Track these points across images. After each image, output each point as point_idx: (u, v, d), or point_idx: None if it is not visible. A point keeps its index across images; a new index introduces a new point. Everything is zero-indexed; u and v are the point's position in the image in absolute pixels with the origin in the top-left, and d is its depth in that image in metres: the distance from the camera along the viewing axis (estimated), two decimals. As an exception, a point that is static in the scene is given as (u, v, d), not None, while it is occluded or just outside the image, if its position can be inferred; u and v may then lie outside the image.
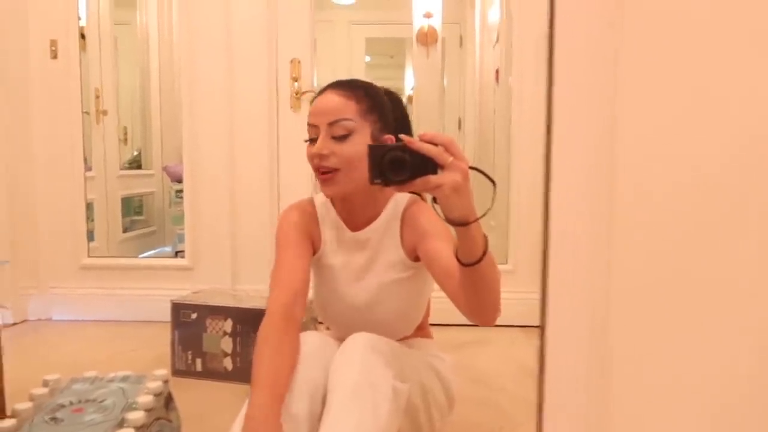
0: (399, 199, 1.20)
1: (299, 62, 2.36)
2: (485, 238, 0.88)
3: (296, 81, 2.37)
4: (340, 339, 1.10)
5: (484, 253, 0.87)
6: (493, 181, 0.87)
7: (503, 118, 2.58)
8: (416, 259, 1.14)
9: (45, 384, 1.15)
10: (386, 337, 1.11)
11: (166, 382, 1.20)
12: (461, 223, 0.84)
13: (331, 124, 1.08)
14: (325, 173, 1.10)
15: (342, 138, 1.08)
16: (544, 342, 0.41)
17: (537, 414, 0.40)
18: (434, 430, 1.21)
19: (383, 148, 0.83)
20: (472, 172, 0.84)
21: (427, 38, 2.99)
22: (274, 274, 1.12)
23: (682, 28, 0.38)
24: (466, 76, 3.56)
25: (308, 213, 1.22)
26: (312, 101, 1.15)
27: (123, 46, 3.48)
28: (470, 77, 3.46)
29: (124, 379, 1.17)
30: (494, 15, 2.88)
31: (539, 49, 2.33)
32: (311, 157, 1.11)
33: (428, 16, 3.02)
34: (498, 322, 0.98)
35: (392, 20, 3.81)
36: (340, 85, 1.13)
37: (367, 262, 1.17)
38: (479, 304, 0.94)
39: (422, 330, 1.33)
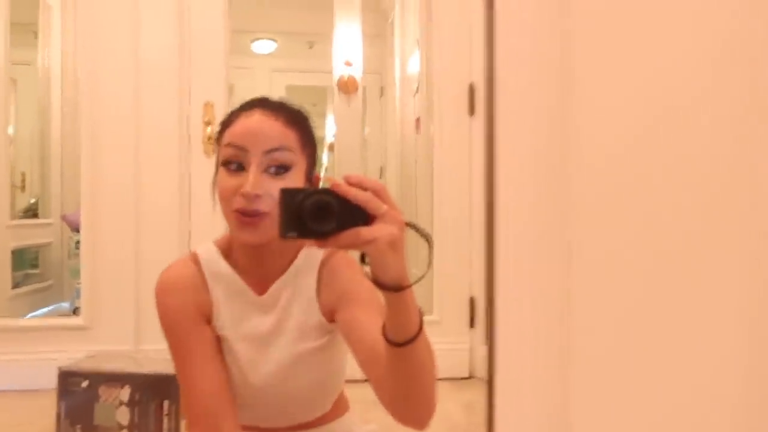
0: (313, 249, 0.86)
1: (213, 105, 2.26)
2: (420, 312, 0.69)
3: (209, 125, 2.26)
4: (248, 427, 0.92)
5: (420, 329, 0.69)
6: (428, 239, 0.70)
7: (425, 167, 2.58)
8: (334, 320, 0.91)
9: None
10: (302, 415, 0.95)
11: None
12: (394, 288, 0.65)
13: (268, 152, 0.84)
14: (250, 215, 0.84)
15: (279, 172, 0.85)
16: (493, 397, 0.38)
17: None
18: None
19: (301, 192, 0.64)
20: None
21: (348, 86, 3.02)
22: (186, 392, 0.91)
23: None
24: (387, 126, 3.59)
25: (189, 281, 0.96)
26: (228, 120, 0.90)
27: (22, 87, 3.24)
28: (391, 126, 3.49)
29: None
30: (414, 65, 2.92)
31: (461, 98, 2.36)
32: (232, 192, 0.84)
33: (348, 64, 3.04)
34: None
35: (313, 68, 3.83)
36: (275, 107, 0.88)
37: (275, 327, 0.93)
38: (409, 397, 0.73)
39: (338, 404, 1.04)
